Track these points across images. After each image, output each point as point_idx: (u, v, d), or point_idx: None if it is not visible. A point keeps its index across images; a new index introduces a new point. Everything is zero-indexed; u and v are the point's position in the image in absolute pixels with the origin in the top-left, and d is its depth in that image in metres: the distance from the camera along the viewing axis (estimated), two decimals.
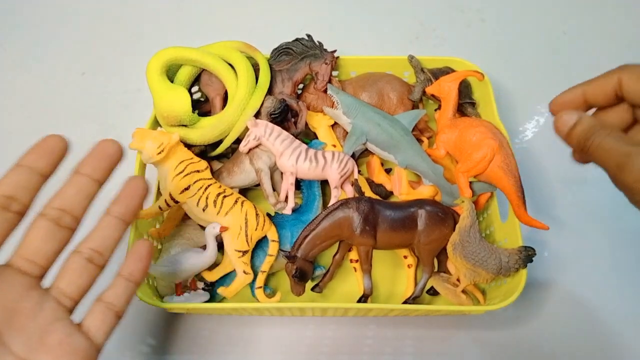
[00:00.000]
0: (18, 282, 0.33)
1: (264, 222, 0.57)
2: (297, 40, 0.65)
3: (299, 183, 0.63)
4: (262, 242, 0.58)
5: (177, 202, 0.56)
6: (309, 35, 0.65)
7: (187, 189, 0.56)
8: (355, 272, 0.61)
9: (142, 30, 0.88)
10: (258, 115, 0.61)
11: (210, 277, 0.58)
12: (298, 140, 0.60)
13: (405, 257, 0.61)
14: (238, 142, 0.61)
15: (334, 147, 0.65)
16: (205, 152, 0.64)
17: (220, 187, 0.58)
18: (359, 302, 0.56)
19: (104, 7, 0.91)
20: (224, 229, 0.55)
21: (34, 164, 0.34)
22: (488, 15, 0.91)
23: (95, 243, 0.36)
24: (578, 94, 0.39)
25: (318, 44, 0.65)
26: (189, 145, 0.61)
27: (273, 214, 0.61)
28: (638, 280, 0.63)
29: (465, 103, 0.68)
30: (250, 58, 0.64)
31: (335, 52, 0.66)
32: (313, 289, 0.57)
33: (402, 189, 0.61)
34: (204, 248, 0.57)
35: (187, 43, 0.62)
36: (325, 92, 0.65)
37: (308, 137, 0.67)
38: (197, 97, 0.69)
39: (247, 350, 0.59)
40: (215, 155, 0.65)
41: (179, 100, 0.58)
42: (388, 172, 0.66)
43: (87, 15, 0.90)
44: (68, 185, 0.36)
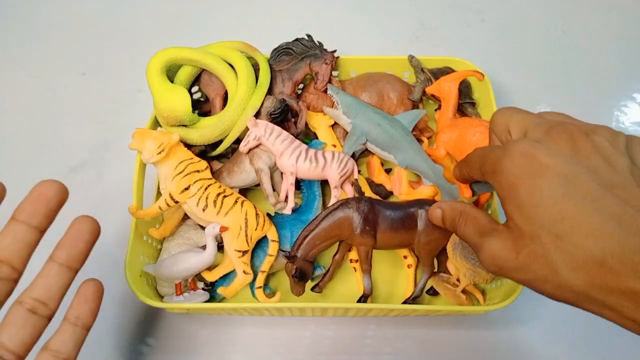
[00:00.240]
0: None
1: (264, 222, 0.57)
2: (297, 40, 0.65)
3: (299, 183, 0.63)
4: (262, 242, 0.58)
5: (177, 202, 0.56)
6: (309, 35, 0.65)
7: (187, 189, 0.56)
8: (355, 272, 0.61)
9: (142, 31, 0.88)
10: (258, 115, 0.61)
11: (210, 277, 0.58)
12: (298, 140, 0.60)
13: (405, 257, 0.61)
14: (238, 142, 0.61)
15: (334, 147, 0.65)
16: (205, 152, 0.64)
17: (220, 187, 0.58)
18: (359, 302, 0.56)
19: (104, 7, 0.91)
20: (224, 229, 0.55)
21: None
22: (488, 16, 0.91)
23: (38, 292, 0.33)
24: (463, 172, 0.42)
25: (318, 44, 0.65)
26: (189, 145, 0.61)
27: (273, 214, 0.61)
28: None
29: (466, 103, 0.68)
30: (250, 58, 0.64)
31: (335, 52, 0.66)
32: (313, 289, 0.57)
33: (402, 189, 0.61)
34: (204, 248, 0.57)
35: (187, 43, 0.62)
36: (325, 92, 0.65)
37: (308, 137, 0.67)
38: (197, 97, 0.69)
39: (247, 350, 0.59)
40: (215, 155, 0.65)
41: (179, 101, 0.58)
42: (388, 172, 0.66)
43: (87, 16, 0.90)
44: (3, 234, 0.33)
